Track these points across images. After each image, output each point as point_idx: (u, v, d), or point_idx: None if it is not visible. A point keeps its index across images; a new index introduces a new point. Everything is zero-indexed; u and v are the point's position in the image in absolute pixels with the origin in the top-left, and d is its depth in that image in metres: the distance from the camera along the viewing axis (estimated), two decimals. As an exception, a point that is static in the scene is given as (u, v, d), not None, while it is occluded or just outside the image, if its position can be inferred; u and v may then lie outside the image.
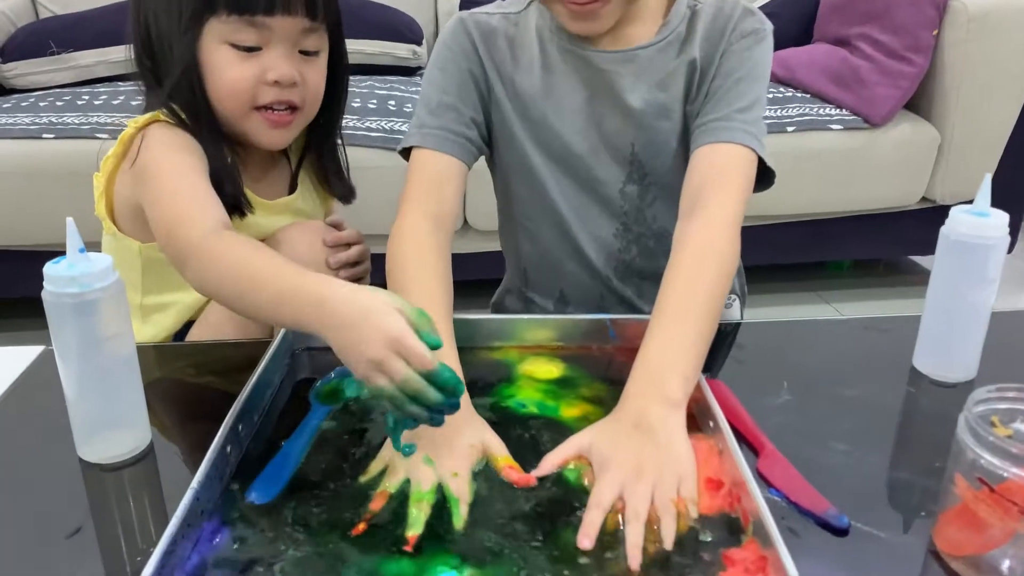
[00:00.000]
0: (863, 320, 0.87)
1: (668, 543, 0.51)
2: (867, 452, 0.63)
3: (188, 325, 0.87)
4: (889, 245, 1.99)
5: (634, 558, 0.50)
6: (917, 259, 2.21)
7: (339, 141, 0.94)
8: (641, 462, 0.56)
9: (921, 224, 1.90)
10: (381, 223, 1.35)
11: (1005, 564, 0.49)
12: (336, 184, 0.94)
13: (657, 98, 0.79)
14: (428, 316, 0.55)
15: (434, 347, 0.53)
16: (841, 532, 0.54)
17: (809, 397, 0.71)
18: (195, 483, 0.52)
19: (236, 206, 0.81)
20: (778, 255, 1.91)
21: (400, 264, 0.73)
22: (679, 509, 0.53)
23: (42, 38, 1.91)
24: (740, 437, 0.62)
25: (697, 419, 0.63)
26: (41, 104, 1.74)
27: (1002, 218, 0.68)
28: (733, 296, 0.93)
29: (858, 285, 2.11)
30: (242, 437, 0.60)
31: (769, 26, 0.80)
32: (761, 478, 0.59)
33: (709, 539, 0.52)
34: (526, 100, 0.82)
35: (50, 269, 0.57)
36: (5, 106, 1.73)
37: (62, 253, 0.58)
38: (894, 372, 0.74)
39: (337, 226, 0.89)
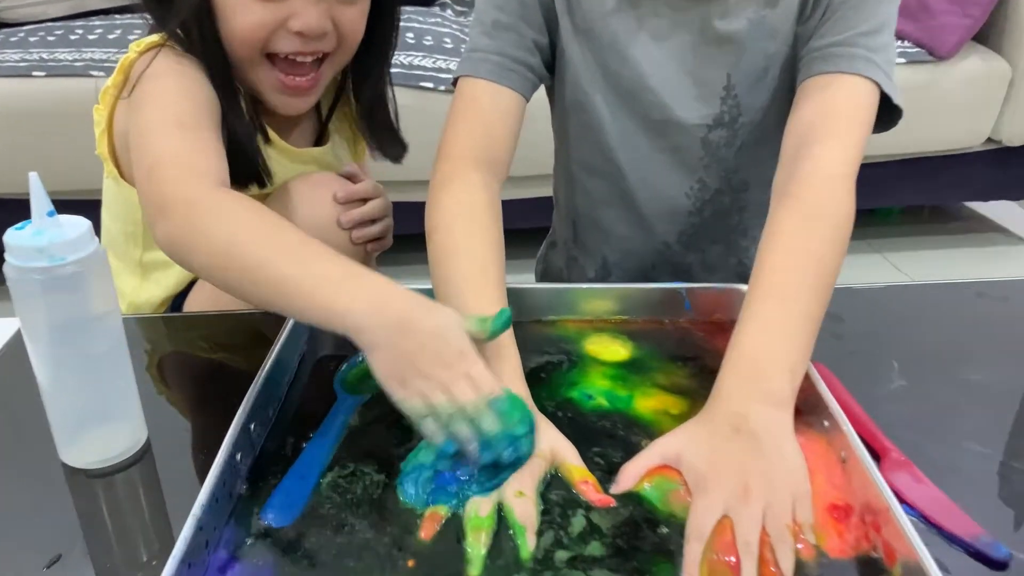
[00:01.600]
0: (973, 284, 0.74)
1: (785, 564, 0.41)
2: (1011, 455, 0.52)
3: (187, 289, 0.76)
4: (950, 190, 1.84)
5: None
6: (974, 206, 2.06)
7: (389, 88, 0.80)
8: (747, 478, 0.45)
9: (985, 168, 1.76)
10: (401, 168, 1.21)
11: None
12: (388, 141, 0.80)
13: (763, 16, 0.65)
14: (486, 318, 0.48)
15: (505, 326, 0.49)
16: (1000, 565, 0.43)
17: (927, 383, 0.60)
18: (196, 508, 0.41)
19: (251, 172, 0.69)
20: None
21: (445, 225, 0.60)
22: (795, 534, 0.43)
23: (31, -34, 1.77)
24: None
25: (803, 415, 0.52)
26: (31, 39, 1.61)
27: None
28: None
29: (912, 233, 1.97)
30: (255, 439, 0.50)
31: None
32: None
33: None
34: (596, 19, 0.68)
35: (12, 237, 0.45)
36: (-7, 41, 1.60)
37: (61, 203, 0.47)
38: (1021, 348, 0.63)
39: (352, 178, 0.77)
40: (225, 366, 0.64)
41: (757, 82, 0.68)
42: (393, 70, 1.59)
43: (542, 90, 0.74)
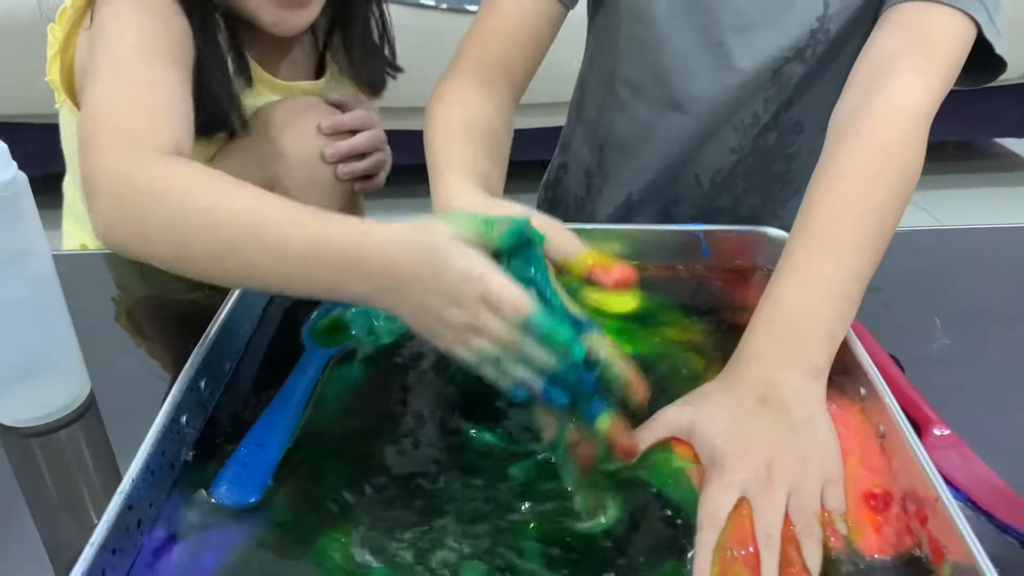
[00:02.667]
0: (1013, 229, 0.67)
1: (812, 558, 0.35)
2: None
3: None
4: (984, 127, 1.74)
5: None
6: (1005, 142, 1.95)
7: (380, 9, 0.71)
8: (771, 457, 0.38)
9: (1020, 102, 1.65)
10: (399, 95, 1.11)
11: None
12: (361, 65, 0.71)
13: None
14: (491, 218, 0.39)
15: (518, 239, 0.38)
16: (1063, 562, 0.37)
17: (974, 342, 0.53)
18: (125, 483, 0.35)
19: (222, 120, 0.60)
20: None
21: (431, 133, 0.53)
22: (826, 524, 0.37)
23: None
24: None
25: (836, 381, 0.45)
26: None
27: None
28: None
29: (945, 171, 1.86)
30: (206, 398, 0.43)
31: None
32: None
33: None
34: None
35: (-89, 160, 0.38)
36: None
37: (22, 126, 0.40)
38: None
39: (340, 106, 0.68)
40: (183, 307, 0.57)
41: (852, 18, 0.59)
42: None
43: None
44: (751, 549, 0.36)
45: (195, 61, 0.56)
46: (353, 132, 0.66)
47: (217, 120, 0.61)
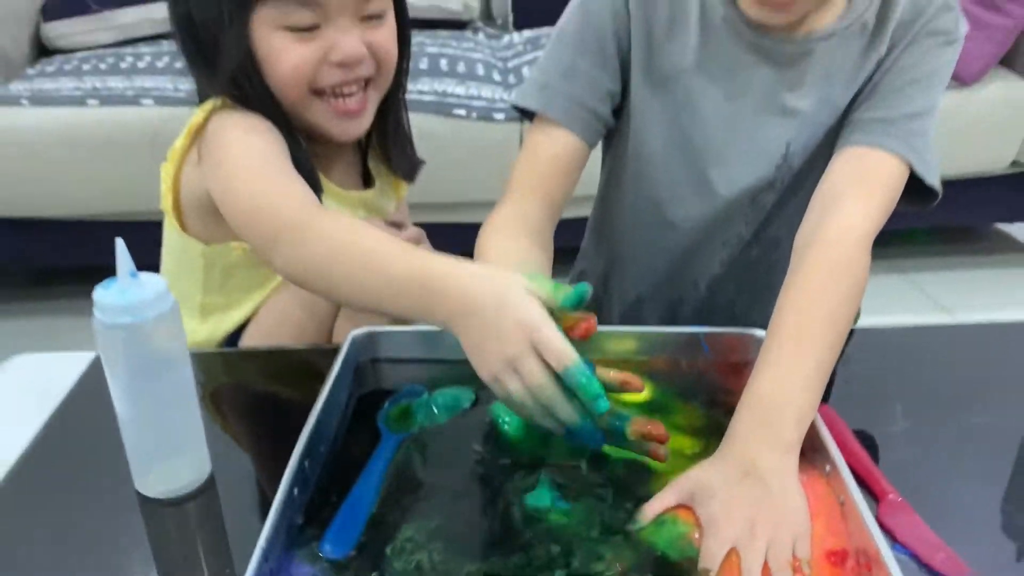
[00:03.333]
0: (981, 327, 0.78)
1: None
2: (1005, 498, 0.56)
3: (242, 326, 0.82)
4: (975, 212, 1.87)
5: None
6: (1003, 227, 2.08)
7: (404, 109, 0.85)
8: (754, 518, 0.50)
9: (1011, 190, 1.78)
10: (435, 192, 1.26)
11: None
12: (398, 159, 0.85)
13: (830, 97, 0.70)
14: (558, 283, 0.51)
15: (579, 302, 0.50)
16: (985, 604, 0.48)
17: (929, 425, 0.63)
18: (262, 540, 0.47)
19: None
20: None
21: (490, 234, 0.67)
22: (795, 569, 0.48)
23: (84, -4, 1.86)
24: (856, 478, 0.55)
25: (809, 457, 0.56)
26: (84, 67, 1.70)
27: None
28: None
29: (937, 254, 1.99)
30: (309, 475, 0.55)
31: (964, 30, 0.70)
32: (884, 531, 0.52)
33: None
34: (670, 73, 0.72)
35: (100, 295, 0.51)
36: (48, 70, 1.70)
37: (107, 225, 0.53)
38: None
39: (398, 225, 0.82)
40: (279, 399, 0.70)
41: (812, 153, 0.72)
42: (426, 98, 1.66)
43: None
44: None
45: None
46: None
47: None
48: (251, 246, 0.66)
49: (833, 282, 0.60)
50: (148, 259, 0.50)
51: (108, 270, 0.53)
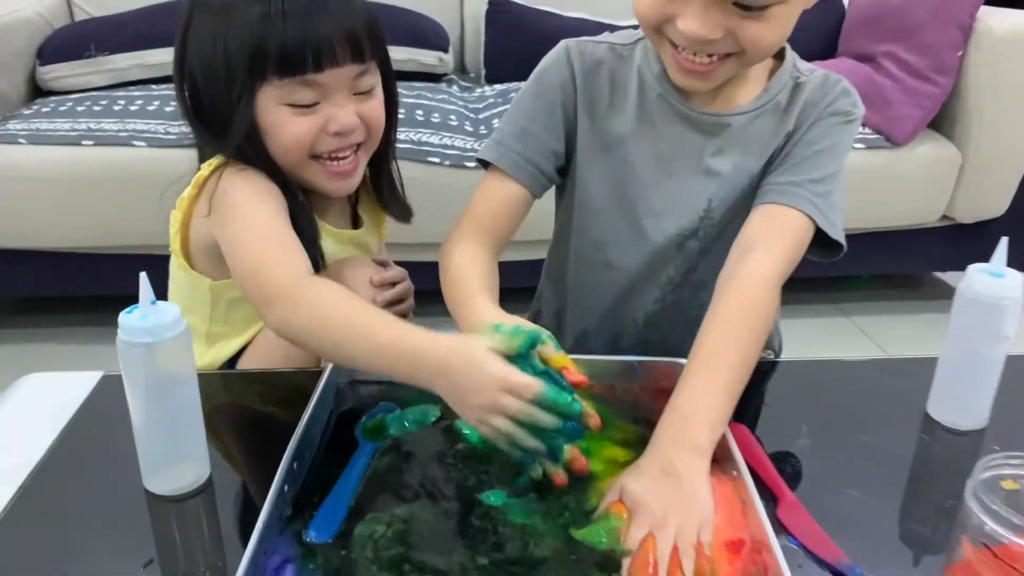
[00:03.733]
0: (880, 362, 0.90)
1: (688, 572, 0.56)
2: (880, 500, 0.67)
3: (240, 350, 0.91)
4: (911, 260, 2.02)
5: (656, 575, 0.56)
6: (939, 274, 2.23)
7: (394, 161, 0.96)
8: (668, 508, 0.60)
9: (942, 241, 1.93)
10: (411, 233, 1.37)
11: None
12: (394, 206, 0.96)
13: (746, 163, 0.82)
14: (517, 331, 0.62)
15: (532, 346, 0.62)
16: (854, 583, 0.58)
17: (826, 441, 0.74)
18: (259, 525, 0.56)
19: (313, 258, 0.82)
20: (801, 269, 1.94)
21: (444, 261, 0.80)
22: (697, 550, 0.58)
23: (78, 41, 1.96)
24: (761, 482, 0.66)
25: (721, 464, 0.67)
26: (79, 109, 1.78)
27: (1017, 279, 0.71)
28: (770, 351, 0.96)
29: (879, 298, 2.14)
30: (296, 475, 0.65)
31: (861, 111, 0.83)
32: (779, 525, 0.63)
33: (731, 589, 0.56)
34: (612, 139, 0.85)
35: (124, 319, 0.61)
36: (44, 110, 1.79)
37: (100, 256, 0.62)
38: (909, 417, 0.78)
39: (383, 264, 0.93)
40: (269, 414, 0.79)
41: (729, 210, 0.85)
42: (403, 146, 1.78)
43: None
44: (652, 560, 0.57)
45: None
46: (393, 284, 0.91)
47: (309, 257, 0.82)
48: (248, 299, 0.76)
49: (743, 318, 0.72)
50: (135, 287, 0.59)
51: (99, 299, 0.62)
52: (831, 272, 2.05)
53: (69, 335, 1.87)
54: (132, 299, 0.61)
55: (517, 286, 1.11)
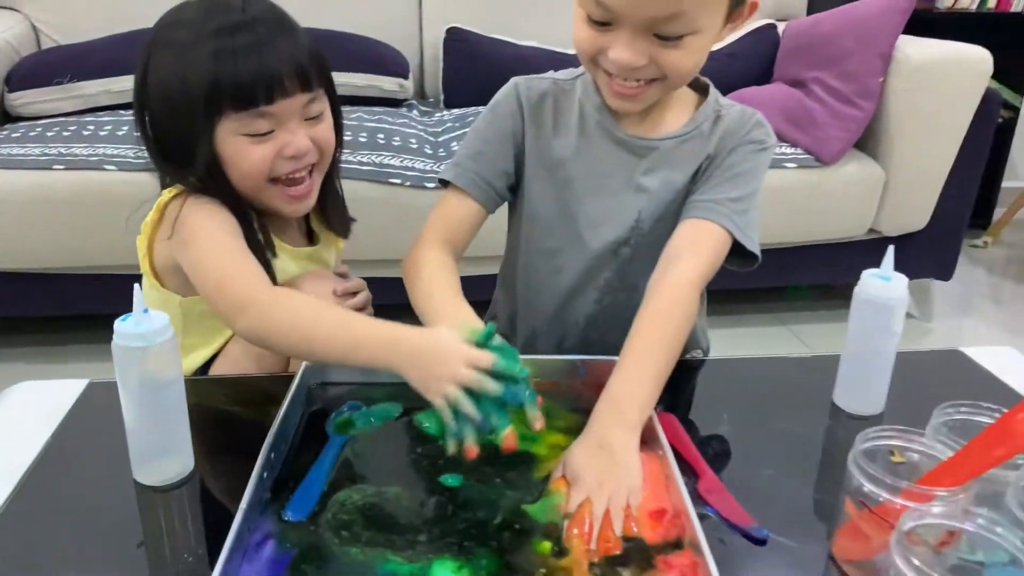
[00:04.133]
0: (794, 360, 1.01)
1: (617, 531, 0.66)
2: (788, 476, 0.77)
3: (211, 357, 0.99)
4: (842, 271, 2.14)
5: (591, 533, 0.66)
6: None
7: (338, 178, 1.04)
8: (601, 477, 0.70)
9: (870, 253, 2.05)
10: (373, 250, 1.48)
11: (883, 567, 0.63)
12: (335, 221, 1.04)
13: (671, 181, 0.93)
14: (475, 329, 0.73)
15: (489, 337, 0.73)
16: (761, 542, 0.67)
17: (745, 428, 0.84)
18: (243, 505, 0.64)
19: (267, 271, 0.90)
20: (740, 281, 2.06)
21: (422, 267, 0.89)
22: (626, 512, 0.68)
23: (46, 68, 2.01)
24: (685, 463, 0.76)
25: (649, 445, 0.76)
26: (48, 134, 1.83)
27: (902, 281, 0.83)
28: (699, 350, 1.07)
29: (814, 308, 2.28)
30: (274, 464, 0.73)
31: (773, 141, 0.95)
32: (699, 498, 0.72)
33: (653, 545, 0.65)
34: (556, 160, 0.95)
35: (119, 326, 0.68)
36: (14, 136, 1.83)
37: (75, 276, 0.71)
38: (817, 406, 0.88)
39: (344, 275, 1.01)
40: (246, 414, 0.87)
41: (657, 221, 0.95)
42: (365, 167, 1.87)
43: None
44: (588, 520, 0.66)
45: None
46: (354, 293, 0.99)
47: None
48: (216, 311, 0.84)
49: (668, 315, 0.83)
50: (112, 305, 0.65)
51: (72, 319, 0.68)
52: (769, 283, 2.20)
53: (40, 354, 1.91)
54: (103, 317, 0.68)
55: (472, 299, 1.21)
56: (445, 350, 0.70)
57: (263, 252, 0.92)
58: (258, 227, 0.93)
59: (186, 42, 0.85)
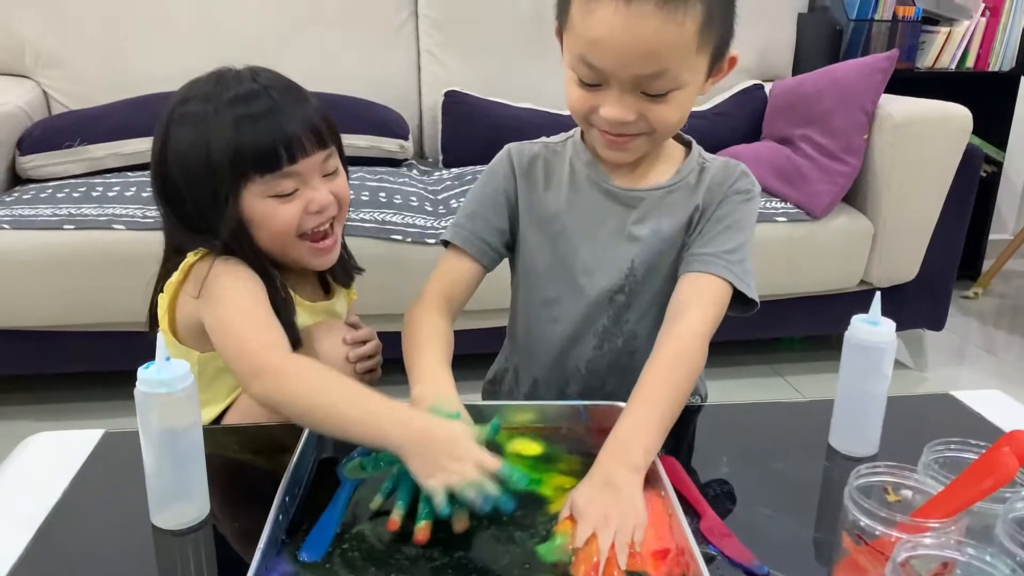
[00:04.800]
0: (790, 405, 1.04)
1: (622, 564, 0.68)
2: (786, 515, 0.79)
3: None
4: (833, 322, 2.18)
5: (598, 567, 0.68)
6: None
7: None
8: (608, 512, 0.72)
9: (861, 304, 2.09)
10: (377, 304, 1.51)
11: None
12: (340, 273, 1.09)
13: (661, 229, 0.98)
14: (486, 427, 0.78)
15: (496, 432, 0.78)
16: (761, 579, 0.70)
17: (744, 470, 0.87)
18: (261, 545, 0.66)
19: (291, 335, 0.93)
20: (735, 332, 2.09)
21: (410, 328, 0.93)
22: (632, 550, 0.70)
23: (56, 132, 2.07)
24: (687, 503, 0.78)
25: (653, 485, 0.79)
26: (59, 195, 1.88)
27: (890, 325, 0.86)
28: (697, 397, 1.10)
29: (808, 359, 2.31)
30: (288, 507, 0.75)
31: (758, 189, 1.00)
32: (702, 537, 0.74)
33: (659, 584, 0.67)
34: (549, 215, 1.01)
35: (143, 373, 0.71)
36: (25, 197, 1.88)
37: (84, 334, 0.73)
38: (813, 448, 0.91)
39: (355, 325, 1.05)
40: (255, 461, 0.89)
41: (649, 268, 1.00)
42: (367, 224, 1.92)
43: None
44: (596, 559, 0.68)
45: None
46: (364, 342, 1.02)
47: (288, 335, 0.93)
48: (235, 374, 0.87)
49: (677, 364, 0.87)
50: (120, 362, 0.67)
51: (80, 376, 0.69)
52: (763, 334, 2.23)
53: (49, 411, 1.92)
54: (112, 374, 0.72)
55: (476, 352, 1.24)
56: (459, 447, 0.73)
57: (286, 311, 0.95)
58: (280, 285, 0.97)
59: (205, 113, 0.90)
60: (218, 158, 0.88)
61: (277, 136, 0.89)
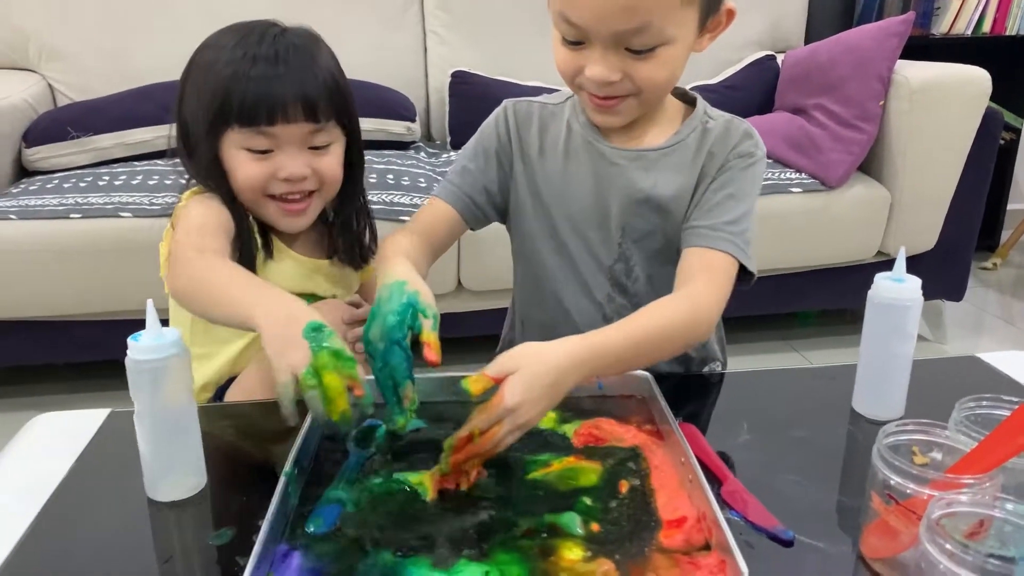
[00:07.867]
0: (811, 370, 1.01)
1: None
2: (811, 479, 0.76)
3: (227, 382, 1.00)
4: (852, 295, 2.14)
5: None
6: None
7: (367, 215, 1.11)
8: (531, 414, 0.72)
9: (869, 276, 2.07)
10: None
11: (913, 563, 0.62)
12: (345, 251, 1.08)
13: (657, 191, 0.94)
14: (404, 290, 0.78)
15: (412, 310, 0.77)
16: (787, 543, 0.67)
17: (766, 436, 0.84)
18: (268, 518, 0.64)
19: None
20: (750, 307, 2.07)
21: (385, 243, 0.92)
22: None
23: (62, 124, 2.06)
24: (708, 470, 0.75)
25: (671, 455, 0.76)
26: (65, 185, 1.87)
27: (915, 282, 0.83)
28: (717, 363, 1.07)
29: (824, 333, 2.27)
30: (298, 479, 0.73)
31: (763, 150, 0.96)
32: (724, 503, 0.72)
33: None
34: (543, 179, 0.99)
35: (132, 342, 0.69)
36: (32, 188, 1.87)
37: (91, 323, 0.72)
38: (836, 413, 0.88)
39: (356, 304, 1.03)
40: (259, 438, 0.87)
41: (645, 231, 0.97)
42: (376, 207, 1.89)
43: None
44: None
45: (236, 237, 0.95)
46: (363, 321, 1.00)
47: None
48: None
49: (674, 325, 0.84)
50: (121, 351, 0.69)
51: (87, 365, 0.68)
52: (779, 309, 2.19)
53: (57, 401, 1.92)
54: (119, 362, 0.70)
55: (489, 333, 1.22)
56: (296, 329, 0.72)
57: (247, 248, 0.96)
58: (258, 229, 0.98)
59: (213, 62, 0.94)
60: (210, 101, 0.93)
61: (262, 97, 0.92)
